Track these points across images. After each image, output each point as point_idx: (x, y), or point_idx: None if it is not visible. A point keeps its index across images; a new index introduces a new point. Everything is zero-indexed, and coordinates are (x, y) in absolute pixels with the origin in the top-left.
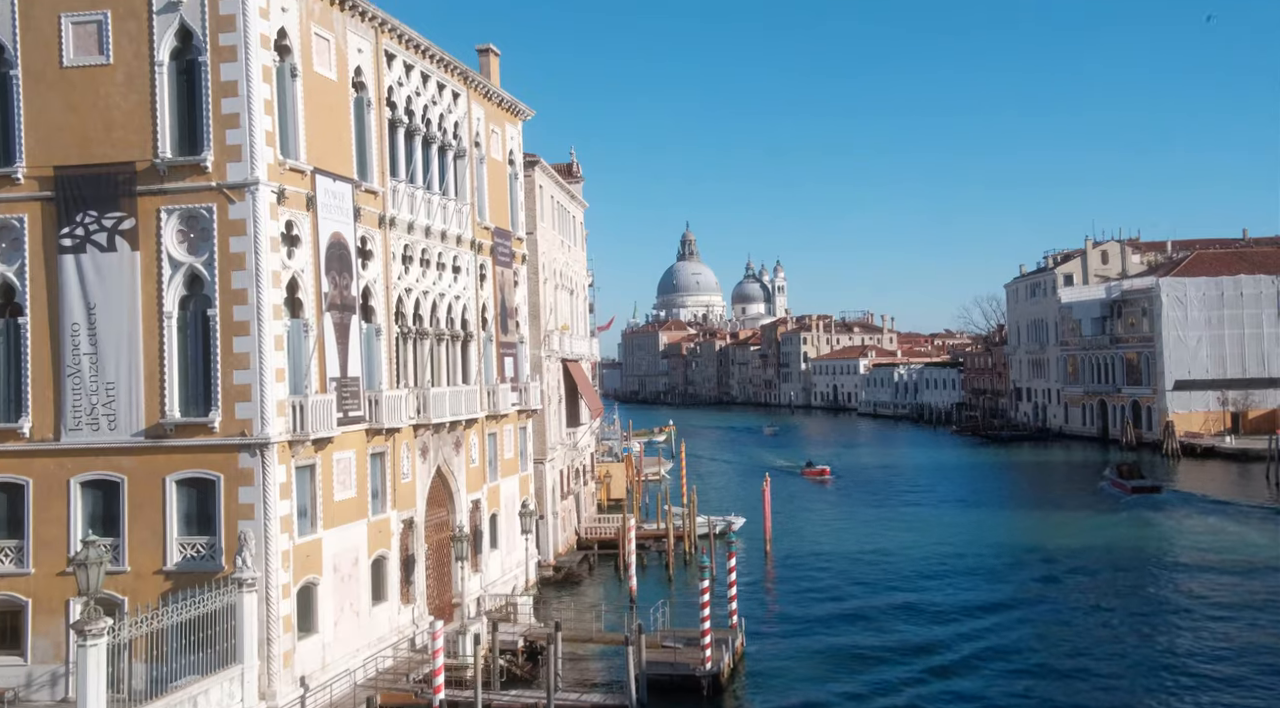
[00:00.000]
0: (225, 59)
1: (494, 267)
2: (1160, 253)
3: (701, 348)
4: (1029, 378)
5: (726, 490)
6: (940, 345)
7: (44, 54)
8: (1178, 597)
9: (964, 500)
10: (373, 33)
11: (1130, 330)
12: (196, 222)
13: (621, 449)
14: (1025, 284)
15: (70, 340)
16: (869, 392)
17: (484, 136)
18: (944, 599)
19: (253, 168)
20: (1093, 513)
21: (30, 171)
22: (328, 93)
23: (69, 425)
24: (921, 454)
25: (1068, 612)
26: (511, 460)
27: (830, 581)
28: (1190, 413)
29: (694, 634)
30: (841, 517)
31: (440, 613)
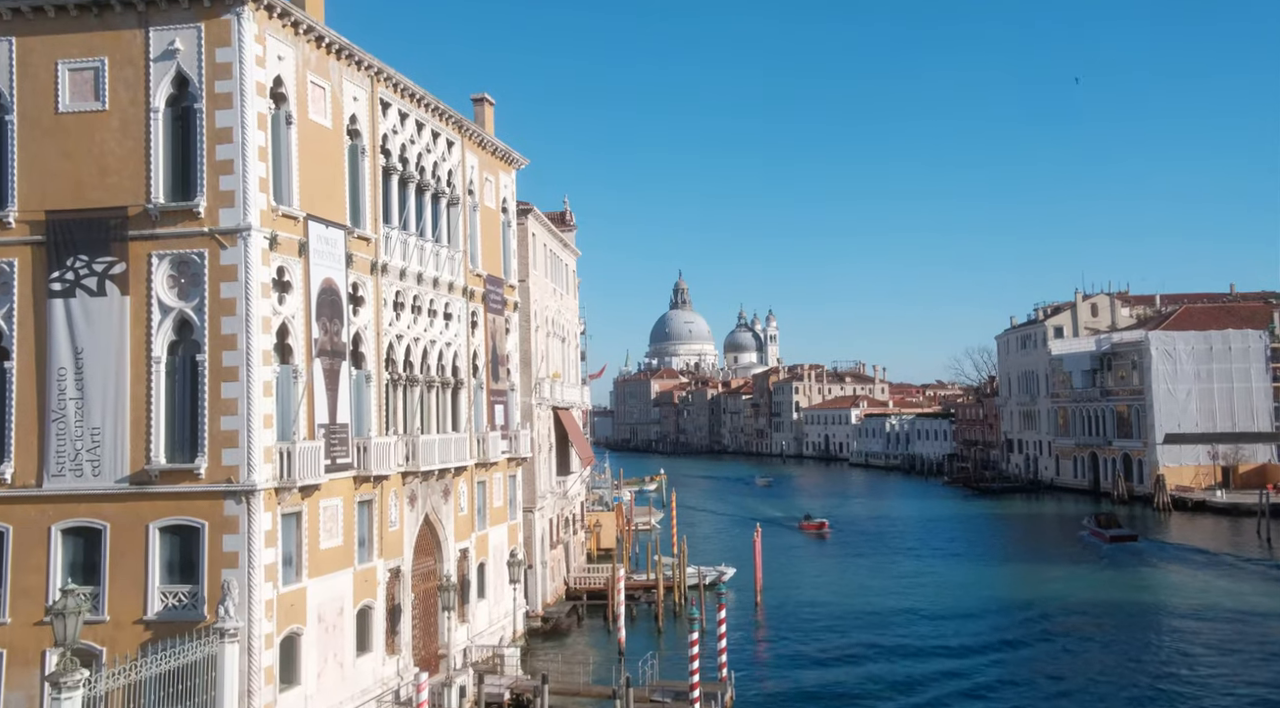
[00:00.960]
0: (221, 106)
1: (486, 314)
2: (1149, 306)
3: (693, 396)
4: (1020, 429)
5: (717, 541)
6: (932, 396)
7: (40, 100)
8: (1161, 641)
9: (955, 554)
10: (368, 81)
11: (1120, 383)
12: (188, 267)
13: (612, 498)
14: (1016, 336)
15: (56, 385)
16: (860, 442)
17: (478, 184)
18: (933, 654)
19: (245, 214)
20: (1080, 565)
21: (22, 216)
22: (322, 140)
23: (52, 471)
24: (913, 506)
25: (1053, 661)
26: (500, 509)
27: (820, 633)
28: (1181, 467)
29: (683, 688)
30: (832, 569)
31: (426, 664)
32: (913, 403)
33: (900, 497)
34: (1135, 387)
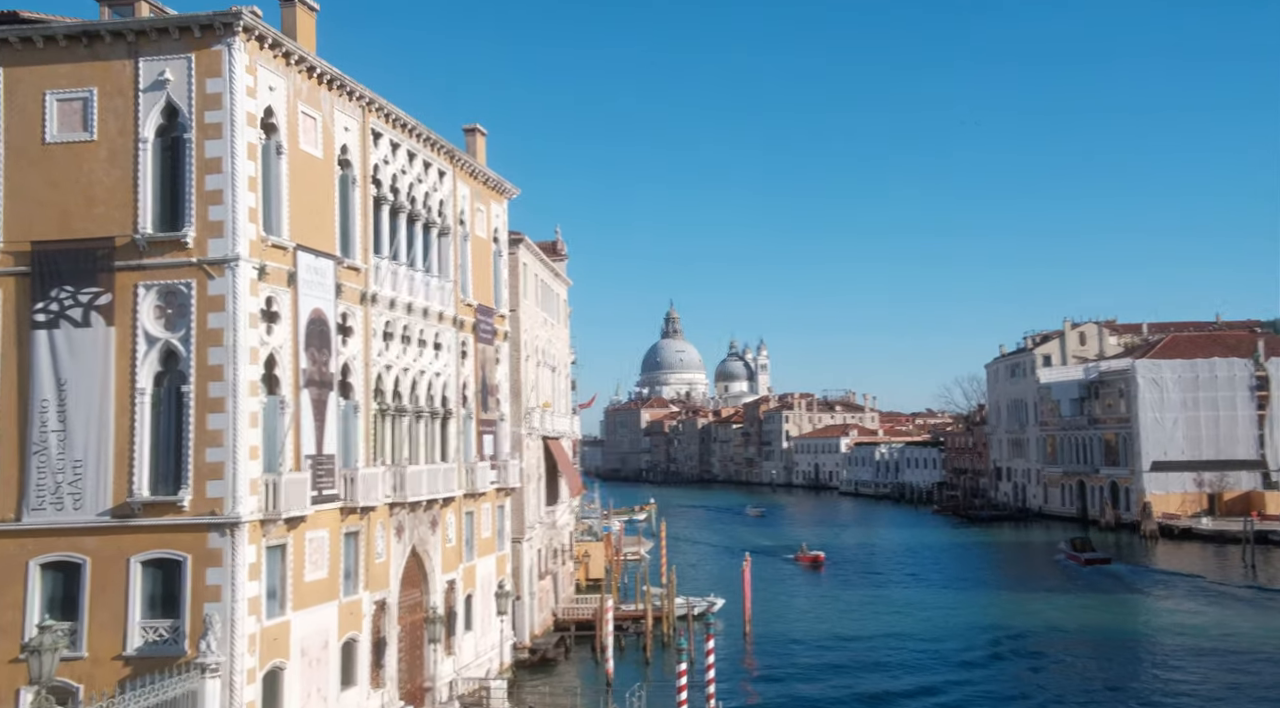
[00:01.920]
0: (210, 136)
1: (476, 344)
2: (1136, 335)
3: (684, 426)
4: (1009, 457)
5: (707, 571)
6: (922, 425)
7: (27, 130)
8: (1144, 660)
9: (944, 583)
10: (360, 111)
11: (1108, 411)
12: (175, 297)
13: (601, 528)
14: (1005, 364)
15: (38, 417)
16: (850, 470)
17: (469, 214)
18: (922, 682)
19: (234, 244)
20: (1066, 592)
21: (7, 246)
22: (313, 170)
23: (32, 505)
24: (903, 535)
25: (1038, 682)
26: (489, 539)
27: (809, 664)
28: (1168, 494)
29: None
30: (821, 599)
31: (411, 698)
32: (902, 431)
33: (890, 526)
34: (1122, 414)
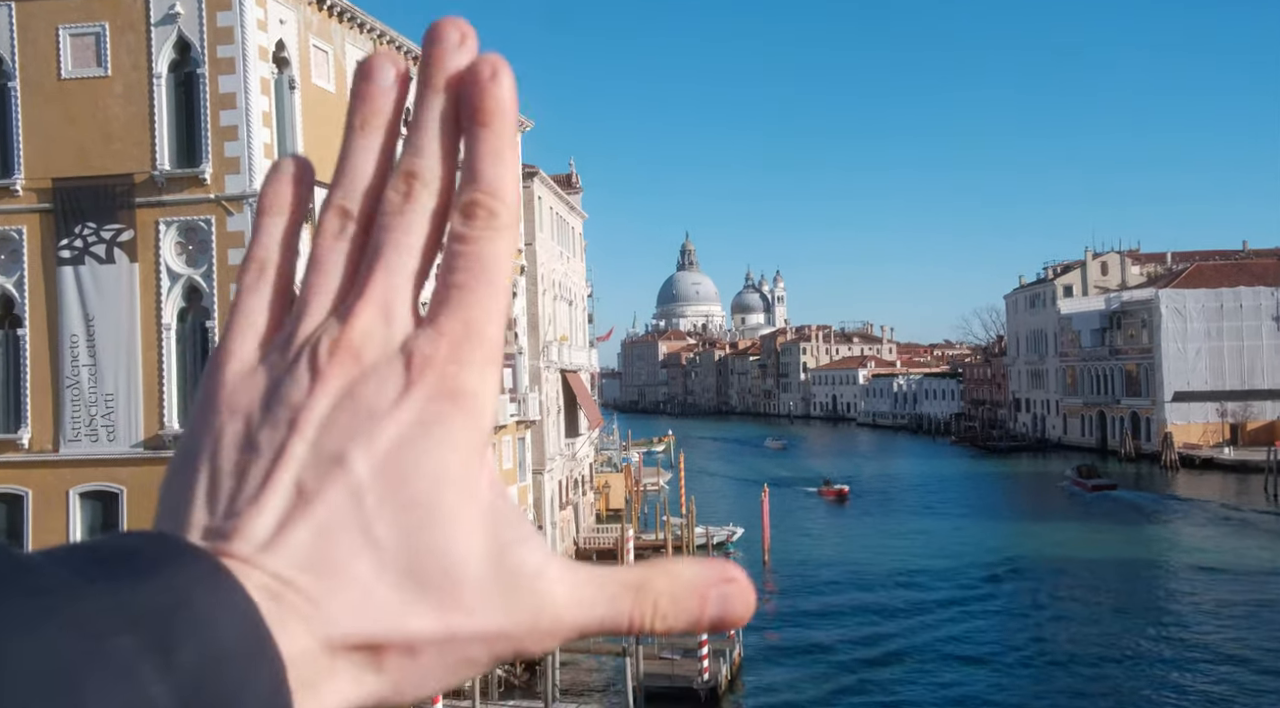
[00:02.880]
0: (223, 71)
1: None
2: (1160, 264)
3: (701, 358)
4: (1028, 389)
5: (726, 502)
6: (940, 356)
7: (42, 66)
8: (1157, 584)
9: (962, 512)
10: (371, 44)
11: (1129, 342)
12: (195, 234)
13: (620, 459)
14: (1024, 295)
15: (69, 352)
16: (868, 402)
17: None
18: (944, 611)
19: (251, 180)
20: (1078, 519)
21: (29, 183)
22: (326, 105)
23: (68, 437)
24: (921, 466)
25: (1064, 615)
26: (510, 471)
27: (829, 592)
28: (1189, 424)
29: (691, 645)
30: (839, 529)
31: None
32: (920, 363)
33: (908, 457)
34: (1145, 345)
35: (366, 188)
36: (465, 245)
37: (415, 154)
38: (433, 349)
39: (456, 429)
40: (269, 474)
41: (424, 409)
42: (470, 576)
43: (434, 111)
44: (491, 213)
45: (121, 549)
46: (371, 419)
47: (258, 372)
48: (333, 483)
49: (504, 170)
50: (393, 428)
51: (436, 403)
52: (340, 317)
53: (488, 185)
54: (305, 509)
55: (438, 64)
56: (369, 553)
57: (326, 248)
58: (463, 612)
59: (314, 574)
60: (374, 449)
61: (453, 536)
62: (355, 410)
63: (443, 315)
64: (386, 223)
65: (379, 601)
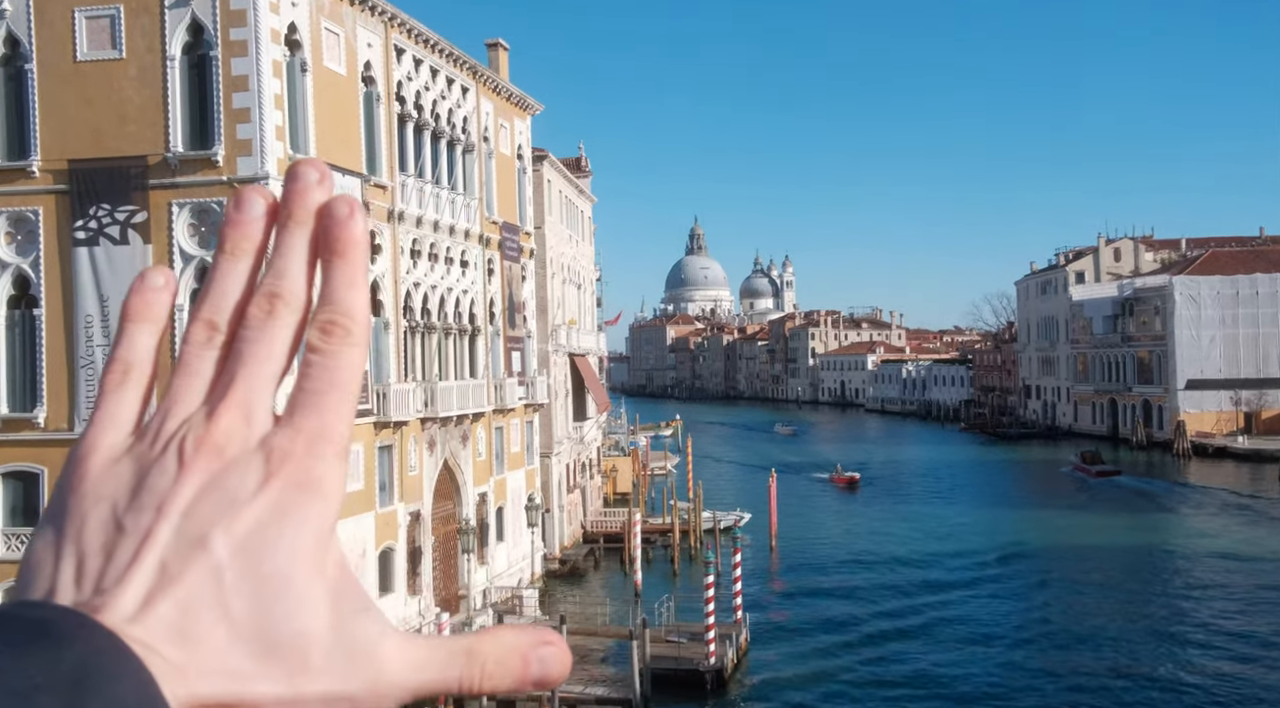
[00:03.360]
0: (236, 54)
1: (502, 261)
2: (1174, 251)
3: (709, 342)
4: (1038, 376)
5: (733, 487)
6: (949, 342)
7: (58, 48)
8: (1163, 569)
9: (972, 499)
10: (382, 27)
11: (1142, 329)
12: (207, 215)
13: (628, 443)
14: (1036, 281)
15: (84, 332)
16: (877, 388)
17: (493, 131)
18: (952, 599)
19: (263, 162)
20: (1084, 507)
21: (45, 165)
22: (337, 87)
23: (83, 416)
24: (931, 452)
25: (1071, 601)
26: (518, 454)
27: (835, 577)
28: (1202, 413)
29: (698, 629)
30: (846, 516)
31: (446, 605)
32: (930, 349)
33: (917, 443)
34: (1158, 332)
35: (232, 304)
36: (321, 357)
37: (278, 277)
38: (290, 445)
39: (310, 515)
40: (136, 555)
41: (281, 497)
42: (316, 643)
43: (296, 240)
44: (347, 331)
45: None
46: (233, 506)
47: (123, 462)
48: (195, 563)
49: (357, 295)
50: (251, 514)
51: (292, 492)
52: (205, 416)
53: (344, 308)
54: (169, 586)
55: (299, 199)
56: (225, 625)
57: (193, 355)
58: (308, 676)
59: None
60: (234, 532)
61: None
62: (217, 499)
63: (299, 416)
64: (249, 335)
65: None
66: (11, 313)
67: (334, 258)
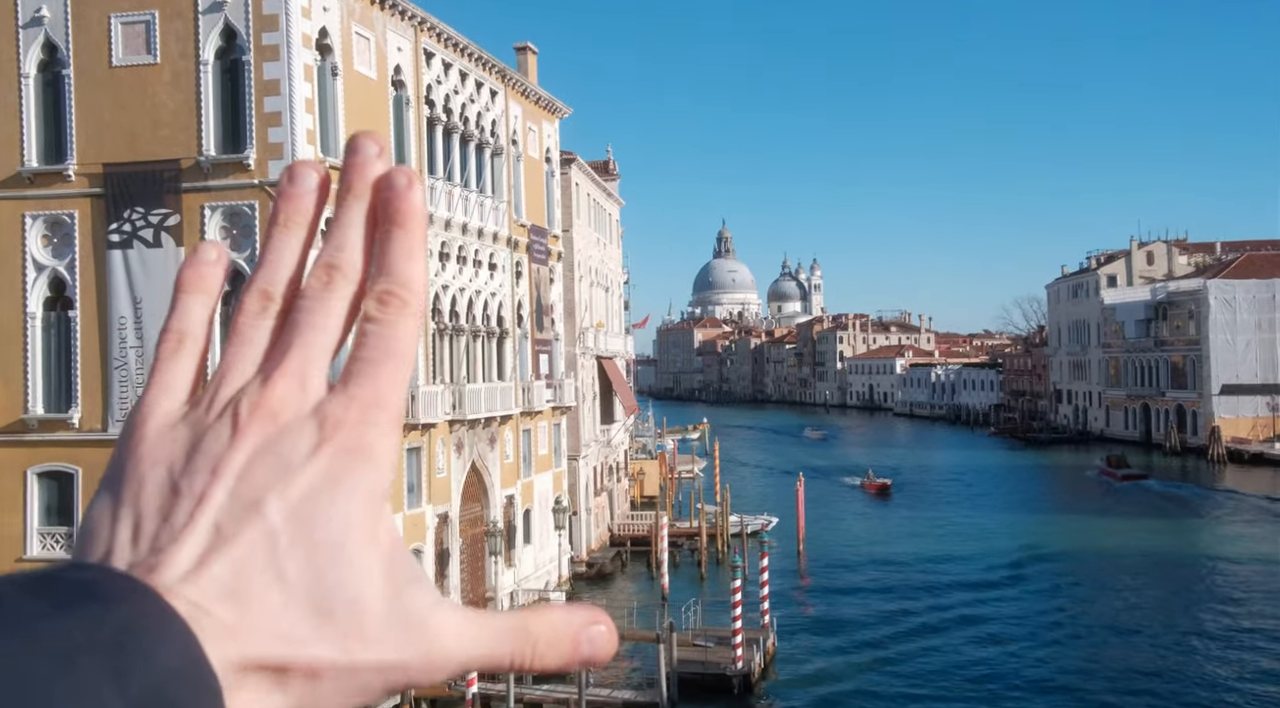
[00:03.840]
0: (268, 58)
1: (530, 264)
2: (1209, 254)
3: (737, 345)
4: (1069, 380)
5: (761, 491)
6: (979, 346)
7: (95, 54)
8: (1195, 577)
9: (1005, 506)
10: (412, 31)
11: (1176, 333)
12: (239, 218)
13: (655, 446)
14: (1067, 285)
15: (117, 334)
16: (905, 392)
17: (521, 134)
18: (979, 603)
19: None
20: (1114, 512)
21: (81, 169)
22: (367, 91)
23: (116, 417)
24: (961, 457)
25: (1097, 606)
26: (545, 457)
27: (863, 582)
28: (1237, 418)
29: (725, 633)
30: (876, 521)
31: (473, 607)
32: (959, 353)
33: (947, 448)
34: (1191, 336)
35: (287, 276)
36: (378, 327)
37: (336, 249)
38: (344, 413)
39: (362, 482)
40: (191, 516)
41: (333, 464)
42: (371, 611)
43: (354, 214)
44: (404, 302)
45: (80, 581)
46: (286, 471)
47: (178, 428)
48: (249, 526)
49: (415, 266)
50: (305, 479)
51: (345, 458)
52: (260, 383)
53: (402, 279)
54: (223, 548)
55: (358, 172)
56: (280, 588)
57: (247, 324)
58: (363, 643)
59: (229, 604)
60: (288, 497)
61: (356, 575)
62: (271, 463)
63: (354, 384)
64: (306, 306)
65: (286, 630)
66: (47, 314)
67: (394, 228)
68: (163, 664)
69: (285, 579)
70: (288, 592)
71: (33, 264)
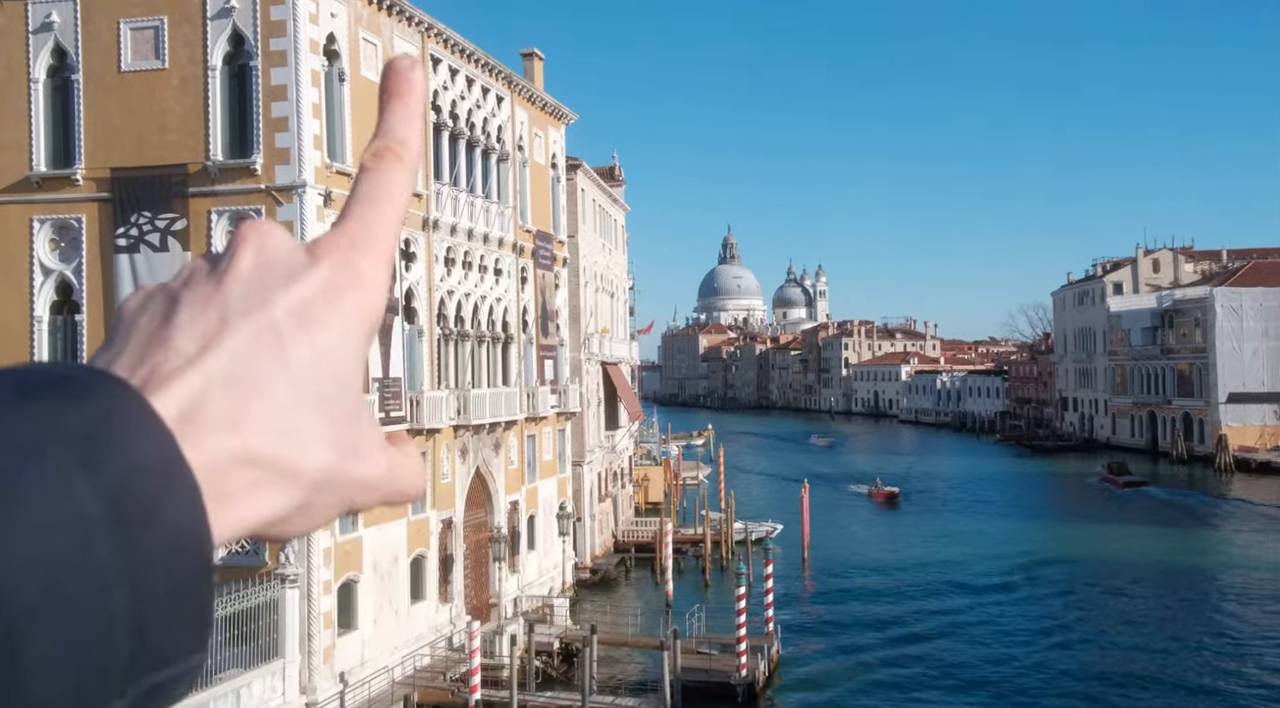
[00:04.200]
0: (275, 64)
1: (535, 269)
2: (1215, 262)
3: (741, 352)
4: (1075, 387)
5: (766, 498)
6: (984, 353)
7: (104, 59)
8: (1200, 586)
9: (1011, 514)
10: (419, 37)
11: (1182, 341)
12: None
13: (660, 453)
14: (1073, 292)
15: None
16: (910, 399)
17: (527, 140)
18: (983, 611)
19: (300, 171)
20: (1115, 519)
21: (89, 173)
22: (374, 96)
23: None
24: (967, 465)
25: (1103, 616)
26: (550, 462)
27: (868, 589)
28: (1244, 427)
29: (730, 641)
30: (883, 529)
31: (477, 613)
32: (964, 360)
33: (953, 455)
34: (1198, 344)
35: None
36: (373, 174)
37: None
38: (334, 240)
39: (353, 302)
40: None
41: (328, 280)
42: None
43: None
44: (398, 155)
45: (51, 374)
46: (287, 277)
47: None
48: (254, 319)
49: (410, 130)
50: (303, 287)
51: (338, 276)
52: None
53: (397, 136)
54: (229, 334)
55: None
56: (286, 381)
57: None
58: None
59: (233, 391)
60: (290, 298)
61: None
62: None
63: (346, 219)
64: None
65: (292, 425)
66: (54, 318)
67: (393, 98)
68: (135, 457)
69: (291, 374)
70: (293, 388)
71: (40, 268)
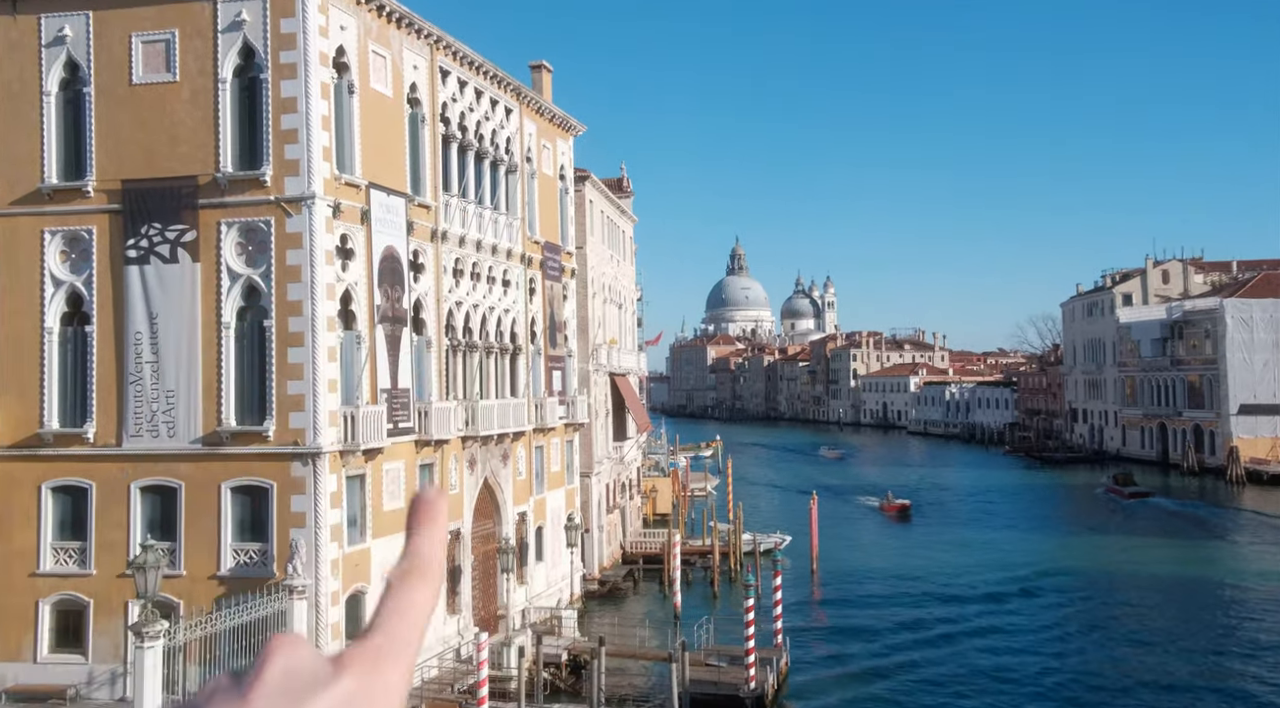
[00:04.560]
0: (285, 76)
1: (543, 280)
2: (1225, 273)
3: (750, 363)
4: (1085, 399)
5: (775, 509)
6: (993, 364)
7: (115, 72)
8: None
9: (1022, 526)
10: (428, 50)
11: (1192, 352)
12: (255, 234)
13: (668, 464)
14: (1082, 303)
15: (133, 349)
16: (919, 410)
17: (535, 152)
18: (994, 623)
19: (310, 182)
20: (1124, 530)
21: (99, 185)
22: (383, 109)
23: (130, 432)
24: (976, 476)
25: (1114, 625)
26: (558, 474)
27: (877, 601)
28: (1256, 438)
29: (738, 653)
30: (891, 541)
31: (485, 624)
32: (973, 371)
33: (963, 467)
34: (1208, 356)
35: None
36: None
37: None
38: (359, 652)
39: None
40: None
41: (353, 691)
42: None
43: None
44: (423, 576)
45: None
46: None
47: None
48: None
49: (438, 551)
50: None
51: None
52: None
53: (425, 559)
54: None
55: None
56: None
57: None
58: None
59: None
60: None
61: None
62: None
63: (372, 632)
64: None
65: None
66: (64, 329)
67: (422, 525)
68: None
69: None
70: None
71: (51, 279)
